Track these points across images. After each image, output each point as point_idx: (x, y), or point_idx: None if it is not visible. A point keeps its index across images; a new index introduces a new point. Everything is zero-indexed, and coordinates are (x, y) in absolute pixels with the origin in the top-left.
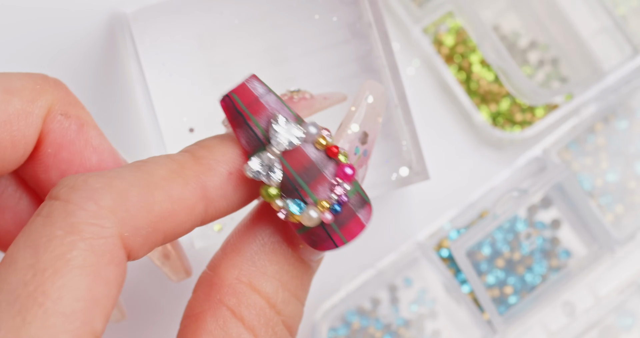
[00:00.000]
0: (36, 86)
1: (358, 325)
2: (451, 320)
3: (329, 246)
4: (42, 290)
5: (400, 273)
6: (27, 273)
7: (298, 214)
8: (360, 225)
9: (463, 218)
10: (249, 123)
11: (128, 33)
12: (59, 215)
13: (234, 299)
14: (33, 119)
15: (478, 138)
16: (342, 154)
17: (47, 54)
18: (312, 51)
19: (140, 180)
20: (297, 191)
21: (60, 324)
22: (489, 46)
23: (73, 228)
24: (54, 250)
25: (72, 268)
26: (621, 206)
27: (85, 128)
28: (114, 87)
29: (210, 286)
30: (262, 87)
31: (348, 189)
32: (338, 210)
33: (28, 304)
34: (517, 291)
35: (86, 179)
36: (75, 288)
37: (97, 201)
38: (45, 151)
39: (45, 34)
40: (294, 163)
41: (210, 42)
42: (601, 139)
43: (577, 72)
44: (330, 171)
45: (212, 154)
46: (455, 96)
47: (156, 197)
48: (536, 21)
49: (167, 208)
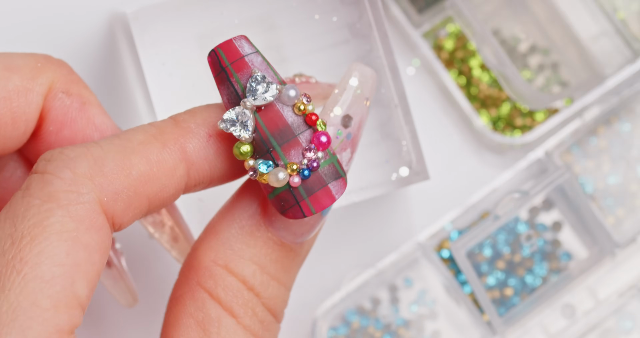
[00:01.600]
0: (37, 64)
1: (358, 325)
2: (451, 320)
3: (297, 214)
4: (20, 257)
5: (401, 273)
6: (6, 243)
7: (266, 172)
8: (330, 196)
9: (464, 219)
10: (231, 79)
11: (128, 33)
12: (37, 186)
13: (211, 281)
14: (33, 96)
15: (478, 143)
16: (321, 123)
17: (47, 53)
18: (312, 51)
19: (117, 146)
20: (269, 152)
21: (40, 289)
22: (489, 51)
23: (50, 196)
24: (31, 218)
25: (49, 235)
26: (622, 209)
27: (87, 106)
28: (113, 87)
29: (189, 268)
30: (249, 47)
31: (320, 156)
32: (307, 175)
33: (7, 272)
34: (517, 293)
35: (62, 150)
36: (53, 254)
37: (73, 169)
38: (47, 129)
39: (45, 33)
40: (269, 123)
41: (210, 42)
42: (603, 142)
43: (577, 76)
44: (306, 137)
45: (193, 117)
46: (456, 101)
47: (133, 160)
48: (536, 25)
49: (146, 171)
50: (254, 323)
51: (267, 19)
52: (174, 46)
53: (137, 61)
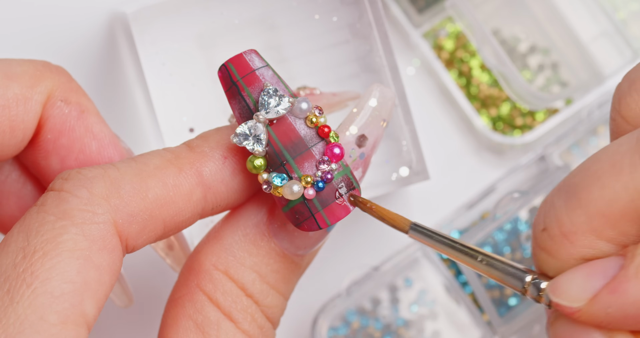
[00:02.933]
0: (36, 72)
1: (358, 325)
2: (451, 320)
3: (312, 226)
4: (31, 271)
5: (401, 273)
6: (18, 256)
7: (280, 185)
8: (345, 208)
9: (464, 219)
10: (242, 94)
11: (128, 33)
12: (52, 203)
13: (210, 285)
14: (32, 105)
15: (478, 143)
16: (334, 135)
17: (46, 54)
18: (312, 51)
19: (134, 169)
20: (283, 165)
21: (48, 304)
22: (489, 51)
23: (65, 213)
24: (45, 234)
25: (62, 251)
26: None
27: (85, 115)
28: (113, 87)
29: (189, 271)
30: (259, 60)
31: (334, 168)
32: (321, 187)
33: (17, 284)
34: (517, 293)
35: (80, 170)
36: (64, 271)
37: (90, 189)
38: (45, 136)
39: (45, 33)
40: (282, 136)
41: (210, 42)
42: (603, 142)
43: (577, 76)
44: (319, 149)
45: (207, 142)
46: (456, 101)
47: (149, 184)
48: (536, 26)
49: (162, 195)
50: (252, 328)
51: (267, 19)
52: (174, 45)
53: (137, 61)
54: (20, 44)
